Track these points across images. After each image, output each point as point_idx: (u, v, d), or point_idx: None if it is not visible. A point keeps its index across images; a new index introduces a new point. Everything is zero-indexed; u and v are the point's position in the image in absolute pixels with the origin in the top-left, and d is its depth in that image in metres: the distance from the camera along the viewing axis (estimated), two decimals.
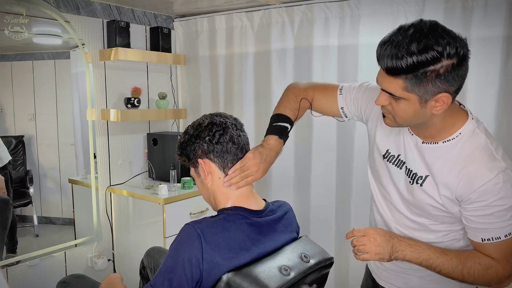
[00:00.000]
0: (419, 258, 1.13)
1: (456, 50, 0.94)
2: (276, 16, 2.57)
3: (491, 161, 1.05)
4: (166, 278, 1.05)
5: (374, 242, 1.13)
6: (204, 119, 1.24)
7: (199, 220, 1.12)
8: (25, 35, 2.25)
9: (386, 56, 0.98)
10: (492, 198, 1.04)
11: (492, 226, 1.07)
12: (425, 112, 1.03)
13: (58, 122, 2.65)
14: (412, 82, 0.97)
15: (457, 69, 0.96)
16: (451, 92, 1.00)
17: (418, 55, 0.94)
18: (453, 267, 1.11)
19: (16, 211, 2.56)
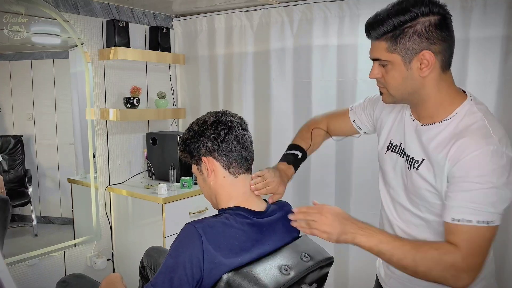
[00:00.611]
0: (369, 242, 1.07)
1: (429, 8, 1.01)
2: (276, 15, 2.57)
3: (484, 137, 1.01)
4: (166, 277, 1.04)
5: (325, 220, 1.11)
6: (210, 116, 1.23)
7: (200, 220, 1.11)
8: (24, 34, 2.25)
9: (369, 23, 1.08)
10: (474, 173, 0.99)
11: (466, 205, 1.00)
12: (413, 76, 1.06)
13: (57, 122, 2.64)
14: (393, 40, 1.04)
15: (438, 28, 1.02)
16: (435, 52, 1.04)
17: (395, 15, 1.02)
18: (405, 253, 1.03)
19: (15, 211, 2.56)
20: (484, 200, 0.99)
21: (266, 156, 2.70)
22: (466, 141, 1.02)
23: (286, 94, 2.60)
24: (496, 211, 1.00)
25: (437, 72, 1.07)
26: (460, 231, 1.01)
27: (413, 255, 1.03)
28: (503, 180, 0.98)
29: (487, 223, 0.99)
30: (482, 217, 0.99)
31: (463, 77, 2.06)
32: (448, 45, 1.06)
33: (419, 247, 1.04)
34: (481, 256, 1.01)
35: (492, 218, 0.99)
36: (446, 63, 1.07)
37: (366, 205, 2.27)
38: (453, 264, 1.00)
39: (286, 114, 2.62)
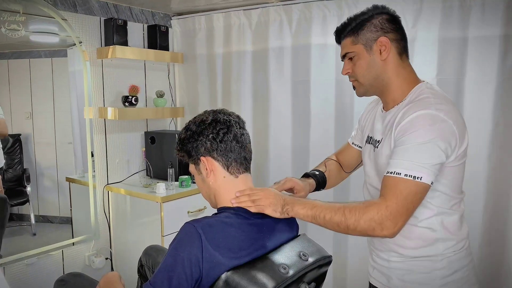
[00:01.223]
0: (305, 209, 1.17)
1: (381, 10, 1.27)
2: (274, 14, 2.56)
3: (423, 104, 1.16)
4: (165, 276, 1.04)
5: (268, 195, 1.19)
6: (207, 115, 1.21)
7: (200, 219, 1.11)
8: (22, 33, 2.24)
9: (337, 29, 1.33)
10: (408, 131, 1.13)
11: (398, 159, 1.12)
12: (375, 60, 1.25)
13: (55, 121, 2.64)
14: (355, 34, 1.26)
15: (390, 21, 1.25)
16: (390, 39, 1.24)
17: (356, 17, 1.28)
18: (335, 210, 1.13)
19: (13, 210, 2.55)
20: (414, 155, 1.11)
21: (265, 155, 2.70)
22: (408, 109, 1.18)
23: (285, 93, 2.60)
24: (425, 166, 1.10)
25: (394, 57, 1.26)
26: (390, 183, 1.12)
27: (342, 210, 1.13)
28: (433, 136, 1.10)
29: (414, 178, 1.09)
30: (411, 171, 1.10)
31: (461, 76, 2.06)
32: (400, 36, 1.27)
33: (348, 204, 1.15)
34: (405, 207, 1.10)
35: (420, 173, 1.09)
36: (401, 50, 1.27)
37: None
38: (377, 212, 1.09)
39: (284, 113, 2.62)
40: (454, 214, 1.24)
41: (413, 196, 1.10)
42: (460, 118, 1.19)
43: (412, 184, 1.10)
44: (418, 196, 1.11)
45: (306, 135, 2.54)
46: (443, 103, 1.17)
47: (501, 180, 2.02)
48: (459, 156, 1.18)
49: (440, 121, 1.12)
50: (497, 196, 2.03)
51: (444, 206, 1.22)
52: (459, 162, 1.19)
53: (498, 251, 2.04)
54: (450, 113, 1.15)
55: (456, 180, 1.23)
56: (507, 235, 2.02)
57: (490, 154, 2.02)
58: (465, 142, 1.19)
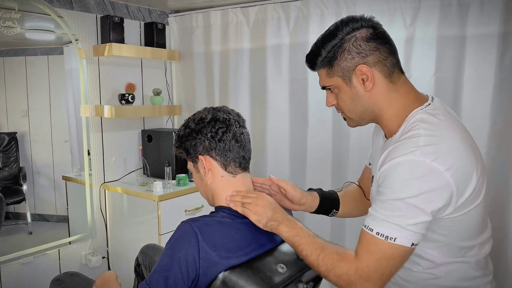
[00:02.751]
0: (288, 233, 1.09)
1: (351, 26, 1.04)
2: (272, 12, 2.55)
3: (409, 146, 0.95)
4: (162, 276, 1.03)
5: (260, 202, 1.13)
6: (207, 113, 1.20)
7: (196, 218, 1.10)
8: (17, 30, 2.22)
9: (307, 57, 1.14)
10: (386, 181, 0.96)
11: (375, 213, 0.97)
12: (358, 93, 1.06)
13: (51, 119, 2.63)
14: (328, 65, 1.07)
15: (366, 40, 1.03)
16: (370, 64, 1.03)
17: (324, 43, 1.07)
18: (312, 250, 1.03)
19: (10, 208, 2.54)
20: (390, 213, 0.94)
21: (262, 153, 2.69)
22: (393, 149, 0.98)
23: (282, 91, 2.59)
24: (402, 226, 0.93)
25: (382, 83, 1.05)
26: (363, 239, 0.98)
27: (317, 254, 1.02)
28: (412, 193, 0.92)
29: (386, 238, 0.94)
30: (383, 229, 0.94)
31: (459, 75, 2.06)
32: (385, 53, 1.03)
33: (326, 248, 1.02)
34: (378, 271, 0.95)
35: (393, 234, 0.93)
36: (390, 70, 1.04)
37: None
38: (347, 272, 0.97)
39: (282, 110, 2.61)
40: (468, 261, 1.07)
41: (387, 260, 0.94)
42: (464, 154, 0.97)
43: (385, 245, 0.94)
44: (395, 260, 0.95)
45: (304, 132, 2.53)
46: (437, 141, 0.96)
47: (499, 178, 2.02)
48: (461, 206, 0.97)
49: (425, 172, 0.92)
50: (495, 194, 2.03)
51: (451, 256, 1.06)
52: (463, 212, 0.98)
53: (496, 249, 2.04)
54: (444, 155, 0.94)
55: (465, 228, 1.03)
56: (504, 232, 2.02)
57: (488, 152, 2.02)
58: (470, 187, 0.97)
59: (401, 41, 2.17)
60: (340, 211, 1.36)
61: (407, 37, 2.16)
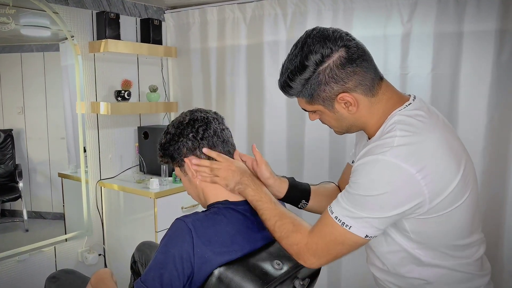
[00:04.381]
0: (253, 196, 1.13)
1: (321, 54, 0.97)
2: (269, 8, 2.54)
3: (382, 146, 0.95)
4: (156, 273, 1.03)
5: (230, 167, 1.15)
6: (184, 116, 1.21)
7: (190, 215, 1.10)
8: (12, 26, 2.20)
9: (279, 81, 1.07)
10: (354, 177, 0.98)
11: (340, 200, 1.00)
12: (343, 116, 1.05)
13: (47, 116, 2.61)
14: (306, 97, 1.03)
15: (341, 67, 0.97)
16: (350, 89, 0.99)
17: (294, 76, 1.01)
18: (271, 216, 1.09)
19: (5, 206, 2.53)
20: (351, 205, 0.97)
21: (259, 149, 2.66)
22: (370, 148, 0.98)
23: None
24: (360, 216, 0.96)
25: (365, 101, 1.02)
26: (322, 219, 1.04)
27: (275, 220, 1.09)
28: (376, 192, 0.94)
29: (343, 224, 0.98)
30: (342, 216, 0.98)
31: (456, 71, 2.06)
32: (363, 73, 0.98)
33: (284, 217, 1.08)
34: (324, 252, 1.02)
35: (350, 222, 0.97)
36: (370, 88, 1.01)
37: None
38: (297, 244, 1.04)
39: (279, 107, 2.60)
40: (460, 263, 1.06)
41: (336, 244, 1.00)
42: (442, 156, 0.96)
43: (339, 230, 0.98)
44: (345, 246, 1.00)
45: (301, 129, 2.53)
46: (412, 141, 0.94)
47: (496, 174, 2.02)
48: (437, 207, 0.96)
49: (392, 172, 0.92)
50: (492, 190, 2.04)
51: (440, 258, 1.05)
52: (441, 212, 0.97)
53: (493, 245, 2.05)
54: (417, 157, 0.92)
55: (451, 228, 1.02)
56: (502, 229, 2.02)
57: (485, 149, 2.02)
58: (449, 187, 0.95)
59: (398, 38, 2.17)
60: (310, 203, 1.34)
61: (404, 34, 2.16)
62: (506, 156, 1.99)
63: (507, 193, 1.99)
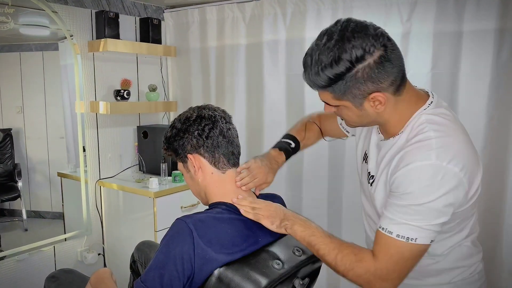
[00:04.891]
0: (303, 232, 1.09)
1: (363, 50, 0.92)
2: (268, 7, 2.54)
3: (422, 150, 0.97)
4: (157, 273, 1.03)
5: (270, 207, 1.15)
6: (192, 112, 1.20)
7: (191, 215, 1.10)
8: (11, 25, 2.20)
9: (304, 70, 0.99)
10: (403, 189, 0.97)
11: (393, 217, 0.98)
12: (368, 113, 1.02)
13: (47, 115, 2.61)
14: (336, 92, 0.98)
15: (380, 66, 0.94)
16: (384, 89, 0.97)
17: (327, 66, 0.94)
18: (330, 250, 1.04)
19: (5, 205, 2.53)
20: (410, 217, 0.96)
21: (259, 149, 2.68)
22: (404, 153, 0.99)
23: (279, 87, 2.58)
24: (422, 227, 0.96)
25: (392, 100, 1.01)
26: (381, 241, 1.00)
27: (335, 254, 1.03)
28: (433, 197, 0.94)
29: (407, 239, 0.96)
30: (404, 231, 0.96)
31: (455, 71, 2.06)
32: (396, 73, 0.97)
33: (343, 248, 1.04)
34: (396, 272, 0.98)
35: (414, 235, 0.96)
36: (399, 87, 1.00)
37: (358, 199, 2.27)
38: (366, 272, 0.99)
39: (278, 106, 2.60)
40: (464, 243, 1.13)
41: (406, 261, 0.98)
42: (470, 153, 1.00)
43: (405, 246, 0.96)
44: (414, 259, 0.99)
45: None
46: (448, 142, 0.98)
47: (495, 174, 2.02)
48: (469, 199, 1.02)
49: (442, 175, 0.94)
50: (491, 190, 2.04)
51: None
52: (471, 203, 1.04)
53: (491, 245, 2.05)
54: (457, 156, 0.96)
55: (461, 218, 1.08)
56: (500, 229, 2.02)
57: (484, 148, 2.02)
58: (476, 184, 1.01)
59: (398, 37, 2.16)
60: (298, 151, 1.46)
61: (403, 33, 2.16)
62: (505, 155, 1.99)
63: (507, 193, 1.99)
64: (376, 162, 1.13)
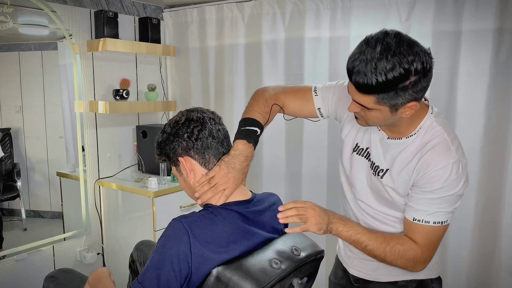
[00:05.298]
0: (349, 232, 1.20)
1: (422, 65, 1.00)
2: (267, 7, 2.54)
3: (446, 150, 1.13)
4: (154, 274, 1.03)
5: (314, 212, 1.18)
6: (181, 116, 1.21)
7: (187, 215, 1.10)
8: (10, 24, 2.20)
9: (357, 73, 1.02)
10: (437, 185, 1.13)
11: (427, 210, 1.15)
12: (395, 117, 1.11)
13: (46, 115, 2.61)
14: (382, 98, 1.04)
15: (423, 80, 1.03)
16: (419, 99, 1.07)
17: (387, 73, 0.99)
18: (378, 245, 1.19)
19: (4, 205, 2.53)
20: (441, 206, 1.15)
21: (258, 148, 2.67)
22: (430, 156, 1.14)
23: None
24: (450, 212, 1.16)
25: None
26: (419, 230, 1.17)
27: (383, 247, 1.18)
28: (459, 187, 1.13)
29: (442, 223, 1.16)
30: (438, 218, 1.15)
31: (454, 70, 2.06)
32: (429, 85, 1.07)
33: (389, 240, 1.19)
34: (435, 250, 1.20)
35: (445, 218, 1.16)
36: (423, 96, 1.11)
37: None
38: (414, 258, 1.18)
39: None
40: None
41: (440, 239, 1.20)
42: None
43: (440, 229, 1.17)
44: (443, 236, 1.20)
45: (300, 128, 2.52)
46: (457, 139, 1.18)
47: (494, 173, 2.02)
48: None
49: (462, 168, 1.13)
50: (489, 189, 2.04)
51: None
52: None
53: (490, 244, 2.05)
54: (462, 149, 1.17)
55: None
56: (499, 227, 2.03)
57: (483, 147, 2.02)
58: None
59: None
60: None
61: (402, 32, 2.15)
62: (504, 154, 1.99)
63: (505, 192, 2.00)
64: (384, 157, 1.23)
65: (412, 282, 1.31)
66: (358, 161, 1.31)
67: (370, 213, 1.31)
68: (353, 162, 1.33)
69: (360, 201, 1.33)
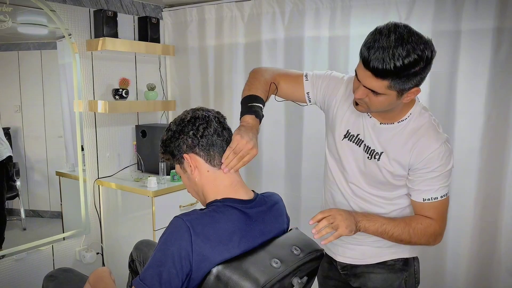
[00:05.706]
0: (375, 226, 1.30)
1: (431, 53, 1.12)
2: (267, 6, 2.54)
3: (436, 133, 1.28)
4: (155, 271, 1.03)
5: (341, 217, 1.25)
6: (186, 114, 1.23)
7: (188, 213, 1.10)
8: (8, 23, 2.20)
9: (375, 59, 1.11)
10: (436, 165, 1.26)
11: (433, 188, 1.29)
12: (397, 102, 1.21)
13: (45, 114, 2.61)
14: (396, 82, 1.13)
15: (428, 67, 1.15)
16: (419, 85, 1.18)
17: (404, 59, 1.09)
18: (402, 229, 1.30)
19: None
20: (443, 181, 1.29)
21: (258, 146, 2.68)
22: (425, 140, 1.27)
23: None
24: (448, 185, 1.31)
25: None
26: (431, 207, 1.31)
27: (408, 230, 1.30)
28: (451, 161, 1.29)
29: (446, 195, 1.31)
30: (443, 192, 1.30)
31: (454, 69, 2.06)
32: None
33: (409, 223, 1.31)
34: (446, 220, 1.34)
35: (447, 191, 1.31)
36: None
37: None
38: (434, 232, 1.31)
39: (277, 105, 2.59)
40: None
41: (447, 209, 1.34)
42: None
43: (446, 201, 1.31)
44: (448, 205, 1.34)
45: (299, 127, 2.53)
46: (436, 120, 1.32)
47: (493, 173, 2.03)
48: None
49: (450, 145, 1.29)
50: (489, 189, 2.04)
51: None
52: None
53: (489, 243, 2.06)
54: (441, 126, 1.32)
55: None
56: (498, 227, 2.03)
57: (482, 147, 2.02)
58: None
59: None
60: None
61: None
62: (503, 154, 2.00)
63: (504, 191, 2.00)
64: (378, 141, 1.33)
65: (399, 260, 1.42)
66: (349, 147, 1.40)
67: (360, 195, 1.40)
68: (344, 147, 1.41)
69: (352, 183, 1.41)
